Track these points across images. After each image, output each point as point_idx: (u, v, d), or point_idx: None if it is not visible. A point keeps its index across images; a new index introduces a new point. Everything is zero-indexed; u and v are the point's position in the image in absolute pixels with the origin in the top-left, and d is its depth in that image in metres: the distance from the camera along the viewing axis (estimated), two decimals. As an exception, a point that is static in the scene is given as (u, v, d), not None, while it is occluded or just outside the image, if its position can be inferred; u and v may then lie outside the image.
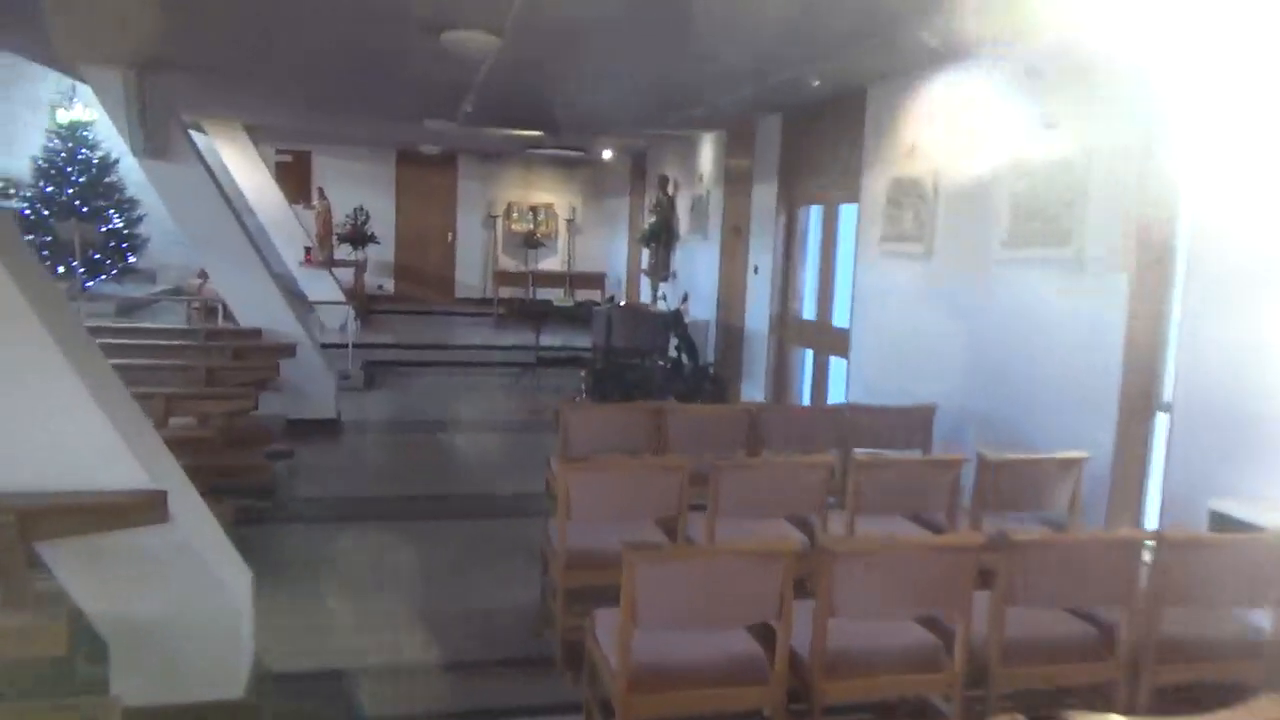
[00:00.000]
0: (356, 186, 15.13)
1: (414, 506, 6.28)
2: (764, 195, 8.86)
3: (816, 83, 5.88)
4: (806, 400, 8.37)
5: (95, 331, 7.71)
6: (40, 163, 13.89)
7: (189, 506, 3.39)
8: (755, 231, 9.10)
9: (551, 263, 16.46)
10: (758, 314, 8.98)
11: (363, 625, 4.36)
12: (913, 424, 5.53)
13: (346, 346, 10.48)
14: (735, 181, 9.69)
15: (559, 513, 3.82)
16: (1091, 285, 4.64)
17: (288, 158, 15.25)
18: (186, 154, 7.67)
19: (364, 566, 5.09)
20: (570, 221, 16.50)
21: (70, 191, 13.97)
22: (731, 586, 2.82)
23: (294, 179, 14.99)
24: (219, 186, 7.90)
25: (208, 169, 7.85)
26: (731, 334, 9.70)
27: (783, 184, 8.50)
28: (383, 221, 15.33)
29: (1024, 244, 5.07)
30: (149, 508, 3.11)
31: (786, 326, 8.61)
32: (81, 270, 13.09)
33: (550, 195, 16.46)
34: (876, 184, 6.71)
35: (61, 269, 13.21)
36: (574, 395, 9.62)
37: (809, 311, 8.33)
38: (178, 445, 4.52)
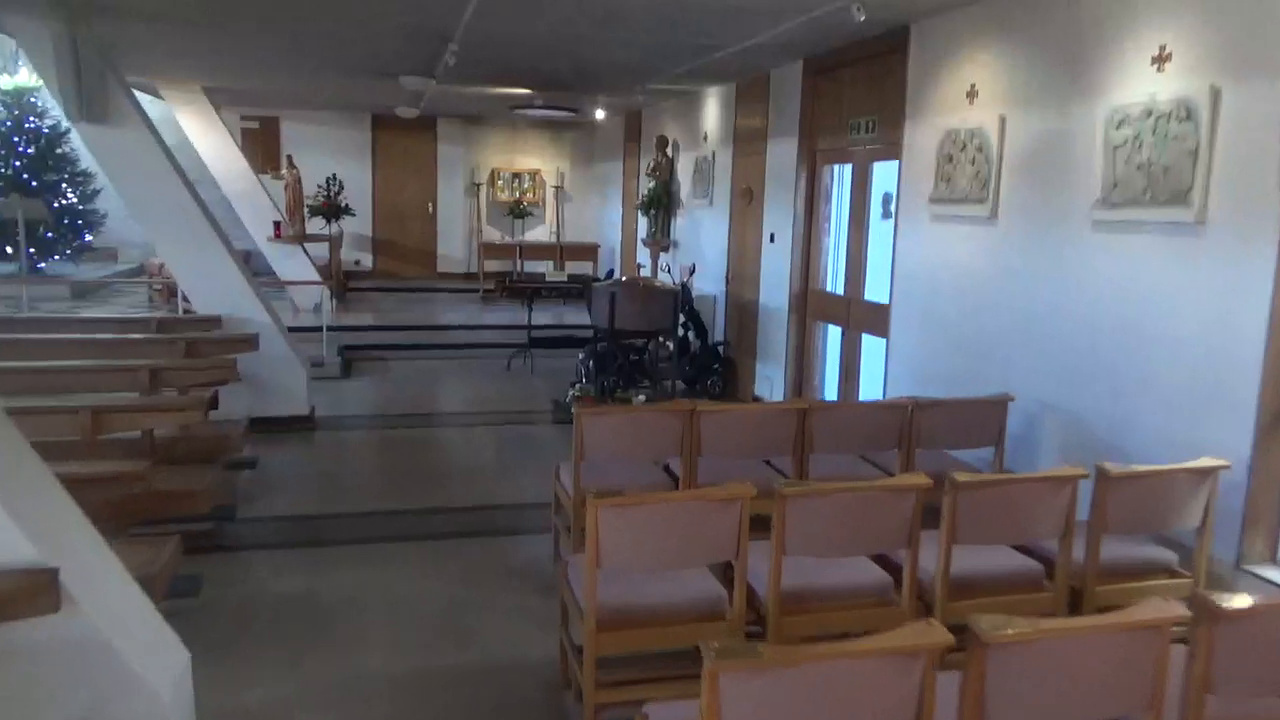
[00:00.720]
0: (329, 154, 14.10)
1: (398, 523, 5.41)
2: (781, 154, 7.97)
3: (862, 18, 4.98)
4: (833, 384, 7.55)
5: (20, 325, 6.82)
6: (-17, 133, 12.80)
7: (100, 580, 2.53)
8: (771, 195, 8.22)
9: (539, 233, 15.51)
10: (775, 287, 8.13)
11: (337, 697, 3.52)
12: (983, 420, 4.72)
13: (321, 330, 9.58)
14: (746, 139, 8.80)
15: (587, 560, 2.98)
16: (1218, 252, 3.81)
17: (254, 124, 14.18)
18: (130, 118, 6.70)
19: (339, 608, 4.24)
20: (558, 189, 15.53)
21: (18, 164, 12.91)
22: (856, 697, 2.00)
23: (261, 147, 13.96)
24: (169, 155, 6.93)
25: (155, 135, 6.88)
26: (744, 309, 8.86)
27: (804, 140, 7.61)
28: (358, 191, 14.33)
29: (1125, 204, 4.23)
30: (33, 594, 2.26)
31: (809, 301, 7.76)
32: (32, 250, 12.10)
33: (536, 160, 15.48)
34: (923, 136, 5.84)
35: (10, 249, 12.19)
36: (573, 381, 8.77)
37: (835, 284, 7.48)
38: (106, 476, 3.66)
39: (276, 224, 11.52)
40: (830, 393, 7.69)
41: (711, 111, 9.76)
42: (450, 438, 7.39)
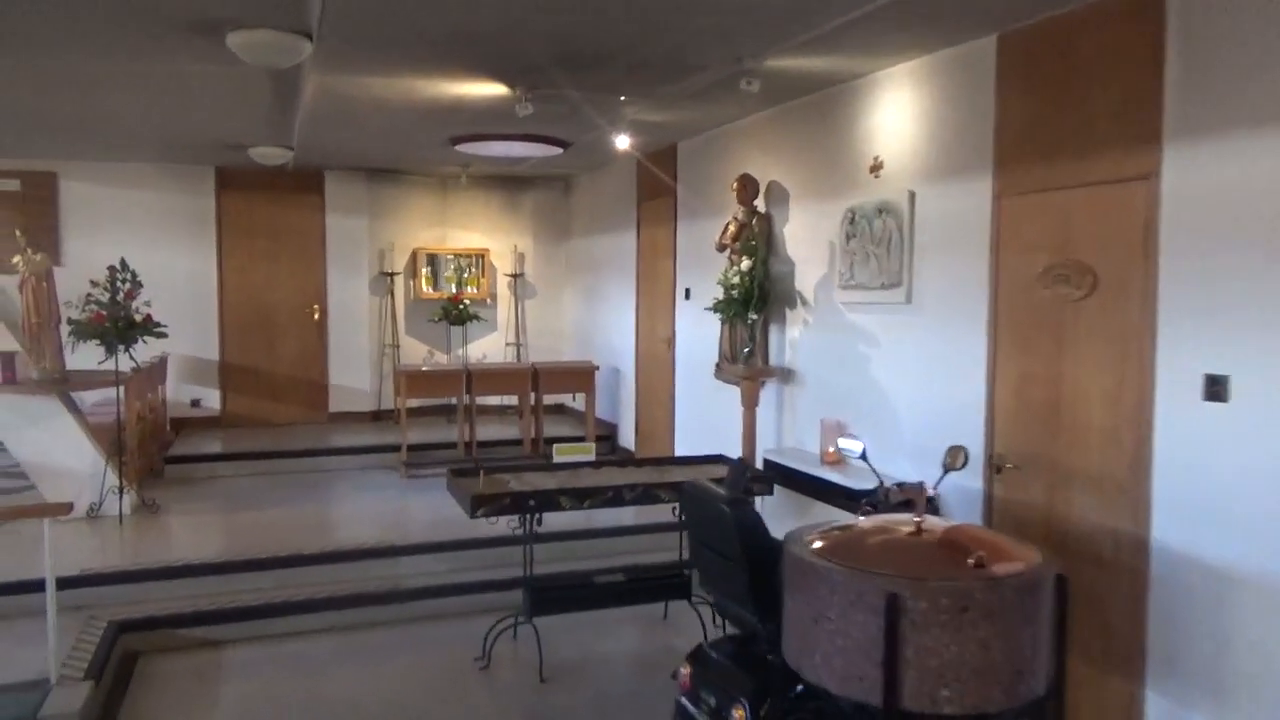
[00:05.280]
0: (145, 231, 8.63)
1: None
2: (1242, 177, 3.02)
3: None
4: None
5: None
6: None
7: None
8: (1197, 282, 3.23)
9: (489, 344, 10.18)
10: (1243, 514, 3.09)
11: None
12: None
13: (44, 590, 3.97)
14: (1053, 155, 3.81)
15: None
16: None
17: (11, 184, 8.58)
18: None
19: None
20: (516, 277, 10.30)
21: None
22: None
23: (25, 219, 8.34)
24: None
25: None
26: (1105, 563, 3.75)
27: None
28: (193, 289, 8.86)
29: None
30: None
31: None
32: None
33: (481, 235, 10.24)
34: None
35: None
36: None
37: None
38: None
39: (8, 357, 5.93)
40: None
41: (892, 115, 4.80)
42: None
